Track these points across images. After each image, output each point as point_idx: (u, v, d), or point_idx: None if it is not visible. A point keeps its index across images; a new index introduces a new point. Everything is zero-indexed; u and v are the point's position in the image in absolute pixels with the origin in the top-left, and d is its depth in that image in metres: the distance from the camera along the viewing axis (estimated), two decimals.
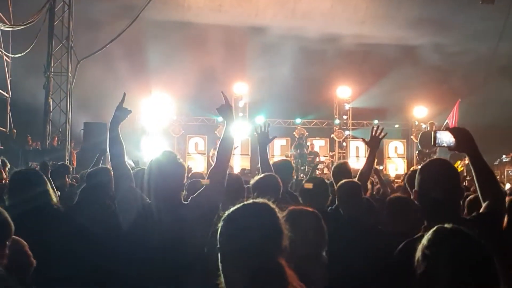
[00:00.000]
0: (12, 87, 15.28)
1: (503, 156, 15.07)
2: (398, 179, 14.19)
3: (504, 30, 17.01)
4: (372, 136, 4.53)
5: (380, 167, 15.88)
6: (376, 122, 19.32)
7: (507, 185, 11.12)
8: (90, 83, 15.60)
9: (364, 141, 4.66)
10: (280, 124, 19.37)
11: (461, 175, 2.68)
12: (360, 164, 10.56)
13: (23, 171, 3.56)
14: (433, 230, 1.72)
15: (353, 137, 19.66)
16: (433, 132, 2.48)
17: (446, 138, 2.43)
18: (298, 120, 19.39)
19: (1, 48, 14.23)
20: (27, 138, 14.96)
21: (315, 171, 10.25)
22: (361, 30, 17.83)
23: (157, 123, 17.87)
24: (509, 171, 14.47)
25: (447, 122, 15.80)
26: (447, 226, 1.71)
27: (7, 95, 15.16)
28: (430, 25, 17.29)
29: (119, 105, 3.13)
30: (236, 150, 15.43)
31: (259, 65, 17.18)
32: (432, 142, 2.46)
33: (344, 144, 19.65)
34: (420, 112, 19.21)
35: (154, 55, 16.74)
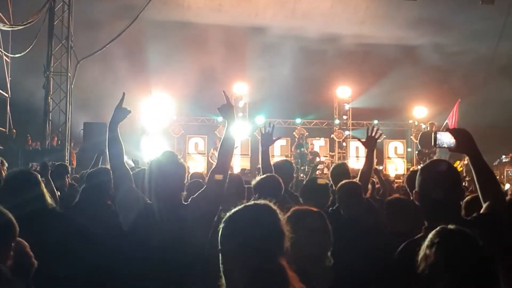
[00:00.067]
0: (11, 87, 15.27)
1: (502, 157, 15.06)
2: (398, 179, 14.21)
3: (504, 30, 17.01)
4: (368, 136, 4.56)
5: (380, 167, 15.87)
6: (376, 122, 19.33)
7: (506, 185, 11.12)
8: (90, 83, 15.60)
9: (361, 142, 4.67)
10: (280, 124, 19.33)
11: (460, 176, 2.68)
12: (360, 164, 10.56)
13: (17, 173, 3.54)
14: (437, 230, 1.72)
15: (353, 137, 19.66)
16: (433, 133, 2.48)
17: (446, 139, 2.43)
18: (298, 120, 19.38)
19: (1, 48, 14.21)
20: (26, 138, 14.94)
21: (315, 171, 10.24)
22: (361, 30, 17.83)
23: (157, 123, 17.85)
24: (509, 172, 14.47)
25: (446, 123, 15.80)
26: (450, 227, 1.71)
27: (7, 95, 15.14)
28: (430, 25, 17.28)
29: (118, 105, 3.10)
30: (236, 150, 15.42)
31: (259, 65, 17.18)
32: (432, 143, 2.46)
33: (344, 144, 19.65)
34: (420, 112, 19.19)
35: (154, 55, 16.74)
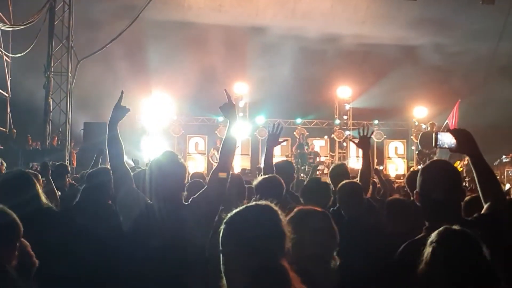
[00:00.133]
0: (12, 87, 15.27)
1: (503, 157, 15.06)
2: (398, 179, 14.21)
3: (504, 30, 17.02)
4: (361, 137, 4.64)
5: (381, 167, 15.88)
6: (376, 122, 19.36)
7: (507, 185, 11.14)
8: (90, 83, 15.59)
9: (355, 144, 4.74)
10: (280, 124, 19.32)
11: (461, 176, 2.69)
12: (360, 164, 10.54)
13: (11, 173, 3.53)
14: (439, 230, 1.72)
15: (353, 137, 19.64)
16: (434, 134, 2.48)
17: (447, 139, 2.43)
18: (299, 120, 19.37)
19: (1, 48, 14.22)
20: (27, 138, 14.95)
21: (316, 171, 10.25)
22: (362, 30, 17.82)
23: (157, 123, 17.86)
24: (509, 172, 14.47)
25: (447, 123, 15.79)
26: (454, 227, 1.71)
27: (7, 95, 15.14)
28: (431, 25, 17.28)
29: (117, 104, 3.07)
30: (237, 150, 15.42)
31: (259, 65, 17.17)
32: (433, 144, 2.46)
33: (345, 144, 19.64)
34: (420, 112, 19.19)
35: (154, 55, 16.74)
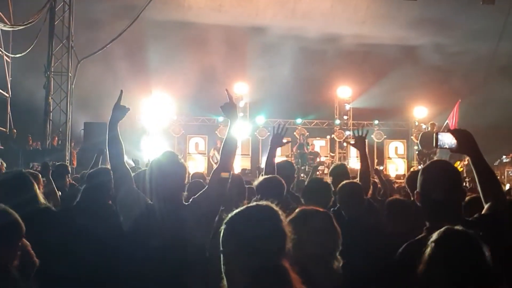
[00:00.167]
0: (12, 87, 15.26)
1: (503, 157, 15.06)
2: (398, 179, 14.20)
3: (504, 30, 17.02)
4: (356, 137, 4.74)
5: (381, 167, 15.87)
6: (376, 122, 19.36)
7: (507, 185, 11.14)
8: (91, 83, 15.59)
9: (351, 145, 4.80)
10: (280, 124, 19.32)
11: (461, 176, 2.69)
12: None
13: (9, 174, 3.52)
14: (441, 231, 1.72)
15: (347, 138, 19.63)
16: (434, 134, 2.48)
17: (447, 139, 2.43)
18: (299, 120, 19.36)
19: (1, 48, 14.21)
20: (27, 138, 14.95)
21: (316, 171, 10.24)
22: (362, 30, 17.82)
23: (157, 123, 17.85)
24: (509, 172, 14.47)
25: (447, 123, 15.80)
26: (456, 227, 1.71)
27: (7, 95, 15.14)
28: (431, 25, 17.28)
29: (116, 104, 3.06)
30: (237, 150, 15.43)
31: (259, 65, 17.17)
32: (433, 144, 2.46)
33: (345, 144, 19.63)
34: (420, 112, 19.19)
35: (154, 55, 16.74)
